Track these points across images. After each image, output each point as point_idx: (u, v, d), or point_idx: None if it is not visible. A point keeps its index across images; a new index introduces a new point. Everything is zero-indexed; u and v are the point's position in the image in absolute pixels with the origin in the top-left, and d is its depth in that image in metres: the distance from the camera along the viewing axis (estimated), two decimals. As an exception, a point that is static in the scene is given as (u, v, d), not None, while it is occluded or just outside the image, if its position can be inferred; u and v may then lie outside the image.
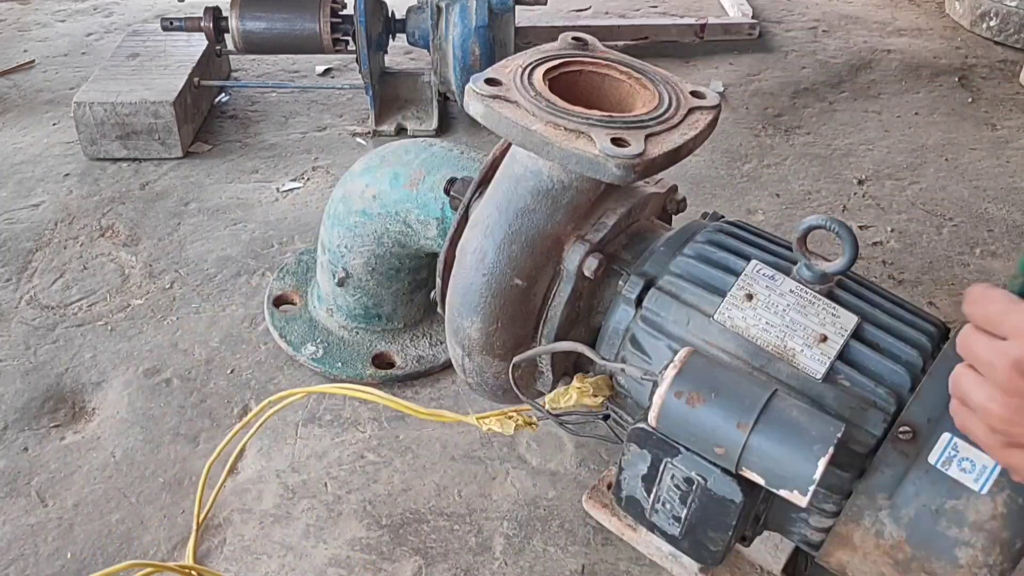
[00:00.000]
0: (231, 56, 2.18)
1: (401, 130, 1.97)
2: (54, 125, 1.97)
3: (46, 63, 2.27)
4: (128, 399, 1.28)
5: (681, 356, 0.76)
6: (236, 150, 1.91)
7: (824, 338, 0.79)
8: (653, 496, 0.80)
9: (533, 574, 1.07)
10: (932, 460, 0.73)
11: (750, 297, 0.83)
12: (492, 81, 0.84)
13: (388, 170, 1.19)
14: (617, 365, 0.85)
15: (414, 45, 1.96)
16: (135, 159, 1.83)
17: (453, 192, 1.03)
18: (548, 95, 0.83)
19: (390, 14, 1.95)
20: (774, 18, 2.64)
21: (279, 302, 1.43)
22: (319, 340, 1.35)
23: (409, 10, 1.94)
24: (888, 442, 0.75)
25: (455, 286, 0.92)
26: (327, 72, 2.27)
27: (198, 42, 2.00)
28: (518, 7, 1.82)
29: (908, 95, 2.23)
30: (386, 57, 2.08)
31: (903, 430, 0.74)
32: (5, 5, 2.57)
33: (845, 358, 0.79)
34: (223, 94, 2.11)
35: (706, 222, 0.96)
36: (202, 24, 1.88)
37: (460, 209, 0.98)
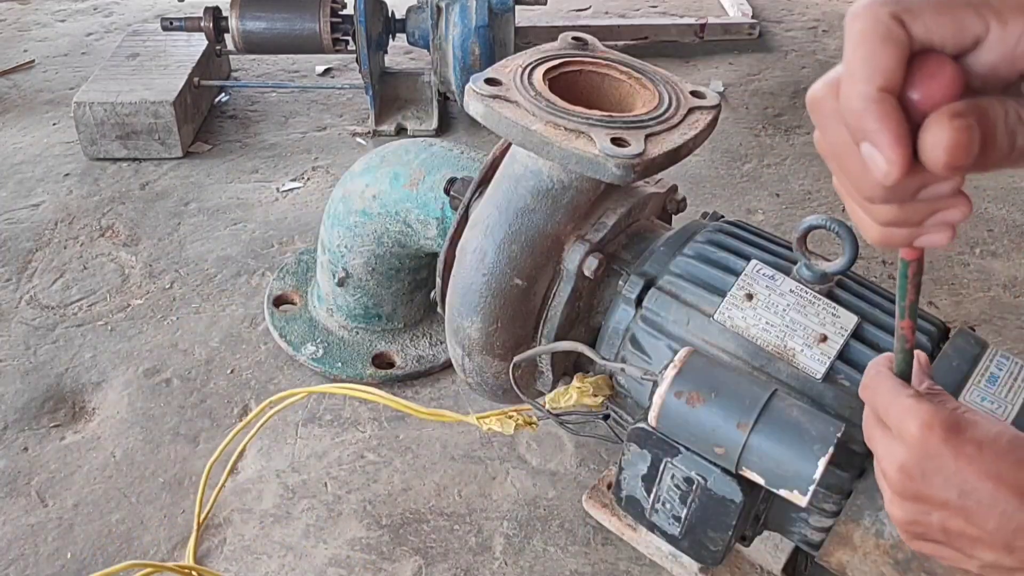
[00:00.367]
0: (231, 56, 2.18)
1: (401, 130, 1.97)
2: (54, 125, 1.97)
3: (46, 63, 2.27)
4: (128, 399, 1.28)
5: (681, 356, 0.76)
6: (236, 150, 1.90)
7: (824, 338, 0.79)
8: (653, 496, 0.80)
9: (533, 574, 1.07)
10: (932, 460, 0.73)
11: (750, 297, 0.83)
12: (492, 81, 0.84)
13: (388, 170, 1.19)
14: (617, 365, 0.85)
15: (414, 45, 1.96)
16: (135, 159, 1.83)
17: (453, 192, 1.03)
18: (548, 95, 0.83)
19: (390, 14, 1.95)
20: (774, 18, 2.64)
21: (279, 302, 1.43)
22: (319, 340, 1.35)
23: (409, 10, 1.94)
24: (888, 442, 0.75)
25: (455, 286, 0.92)
26: (327, 72, 2.27)
27: (198, 42, 2.00)
28: (518, 7, 1.82)
29: (908, 95, 2.23)
30: (386, 57, 2.08)
31: (903, 430, 0.74)
32: (5, 5, 2.57)
33: (845, 358, 0.79)
34: (223, 94, 2.11)
35: (706, 222, 0.96)
36: (202, 24, 1.88)
37: (460, 209, 0.98)
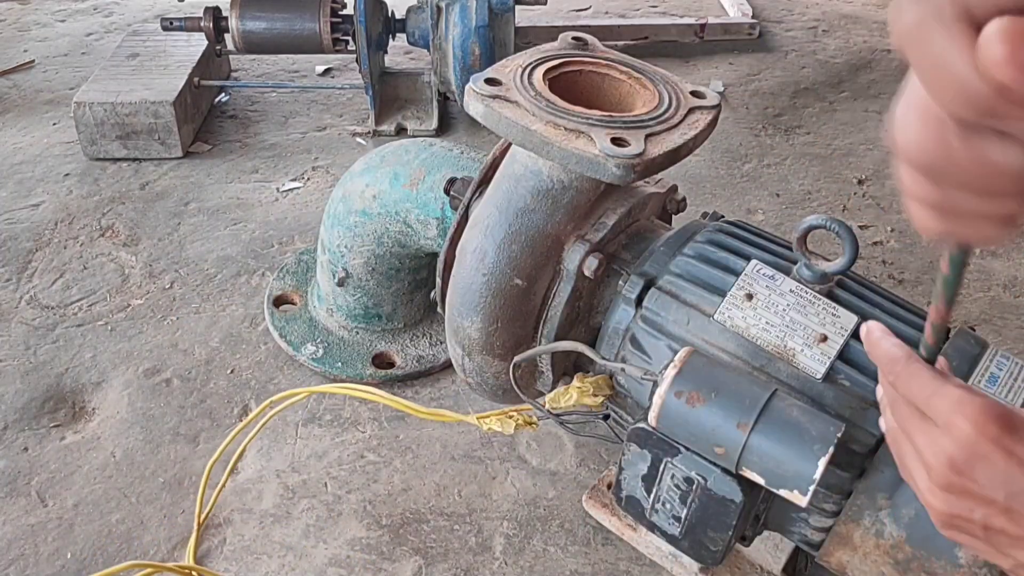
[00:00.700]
0: (231, 56, 2.18)
1: (401, 130, 1.97)
2: (54, 125, 1.97)
3: (46, 63, 2.27)
4: (128, 399, 1.28)
5: (681, 356, 0.76)
6: (236, 150, 1.90)
7: (824, 338, 0.79)
8: (653, 496, 0.80)
9: (533, 574, 1.07)
10: (932, 460, 0.73)
11: (750, 297, 0.83)
12: (492, 81, 0.84)
13: (388, 170, 1.19)
14: (617, 365, 0.85)
15: (414, 45, 1.96)
16: (135, 159, 1.83)
17: (453, 192, 1.03)
18: (548, 95, 0.83)
19: (390, 14, 1.95)
20: (774, 18, 2.64)
21: (279, 302, 1.43)
22: (319, 340, 1.35)
23: (409, 10, 1.94)
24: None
25: (455, 286, 0.92)
26: (327, 72, 2.27)
27: (198, 42, 2.00)
28: (518, 7, 1.82)
29: (908, 95, 2.23)
30: (386, 57, 2.08)
31: (903, 430, 0.74)
32: (5, 5, 2.57)
33: (845, 358, 0.79)
34: (223, 94, 2.11)
35: (706, 222, 0.96)
36: (202, 24, 1.88)
37: (460, 209, 0.98)
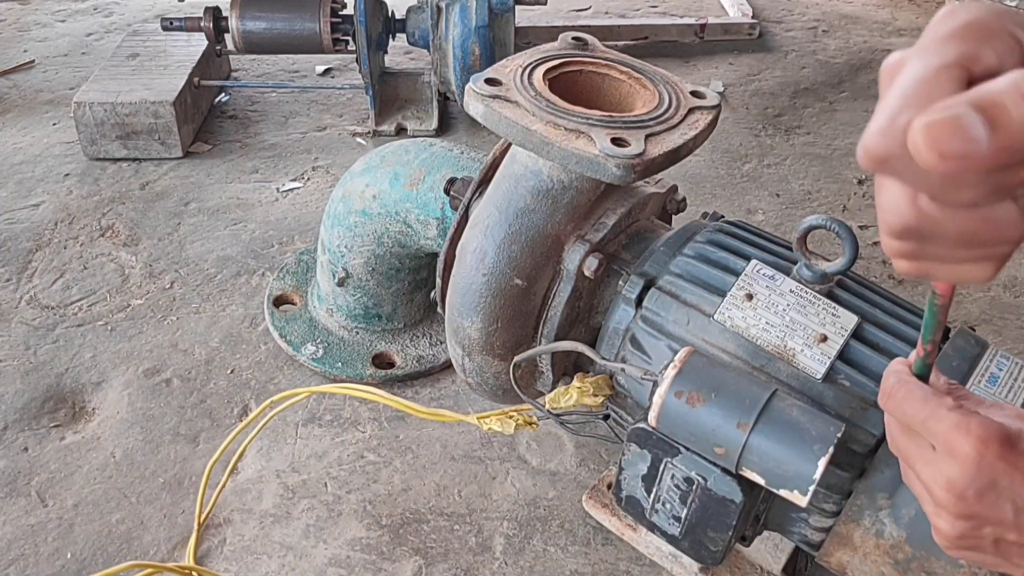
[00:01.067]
0: (231, 56, 2.18)
1: (401, 130, 1.97)
2: (54, 125, 1.97)
3: (46, 63, 2.27)
4: (128, 399, 1.28)
5: (681, 356, 0.76)
6: (236, 150, 1.90)
7: (824, 338, 0.79)
8: (653, 496, 0.80)
9: (533, 574, 1.07)
10: (932, 460, 0.73)
11: (750, 297, 0.83)
12: (492, 81, 0.84)
13: (388, 170, 1.19)
14: (617, 365, 0.85)
15: (414, 45, 1.96)
16: (135, 159, 1.83)
17: (453, 192, 1.03)
18: (548, 95, 0.83)
19: (390, 14, 1.95)
20: (774, 18, 2.64)
21: (279, 302, 1.43)
22: (319, 340, 1.35)
23: (409, 10, 1.94)
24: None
25: (455, 286, 0.92)
26: (327, 72, 2.27)
27: (198, 42, 2.00)
28: (518, 7, 1.82)
29: (908, 95, 2.23)
30: (386, 57, 2.08)
31: (903, 430, 0.74)
32: (5, 5, 2.57)
33: (845, 358, 0.79)
34: (223, 94, 2.11)
35: (706, 222, 0.96)
36: (202, 24, 1.88)
37: (460, 209, 0.98)
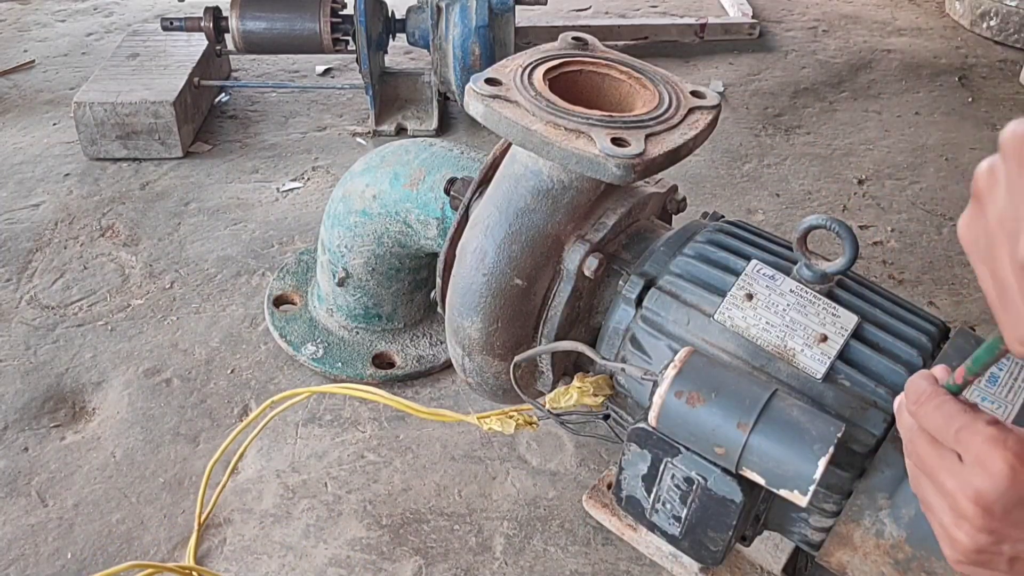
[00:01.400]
0: (231, 56, 2.18)
1: (401, 130, 1.97)
2: (54, 125, 1.97)
3: (46, 63, 2.27)
4: (128, 399, 1.28)
5: (681, 356, 0.76)
6: (236, 150, 1.90)
7: (824, 338, 0.79)
8: (653, 496, 0.80)
9: (533, 574, 1.07)
10: (932, 460, 0.73)
11: (750, 297, 0.83)
12: (492, 81, 0.84)
13: (388, 170, 1.19)
14: (617, 365, 0.85)
15: (414, 45, 1.96)
16: (135, 159, 1.83)
17: (453, 192, 1.03)
18: (548, 95, 0.83)
19: (390, 14, 1.95)
20: (774, 18, 2.64)
21: (279, 302, 1.43)
22: (319, 340, 1.35)
23: (409, 10, 1.94)
24: (888, 442, 0.75)
25: (455, 286, 0.92)
26: (327, 72, 2.27)
27: (198, 42, 2.00)
28: (518, 7, 1.82)
29: (908, 95, 2.23)
30: (386, 57, 2.08)
31: (903, 430, 0.74)
32: (5, 5, 2.57)
33: (845, 358, 0.79)
34: (223, 94, 2.11)
35: (706, 222, 0.96)
36: (202, 24, 1.88)
37: (460, 209, 0.98)
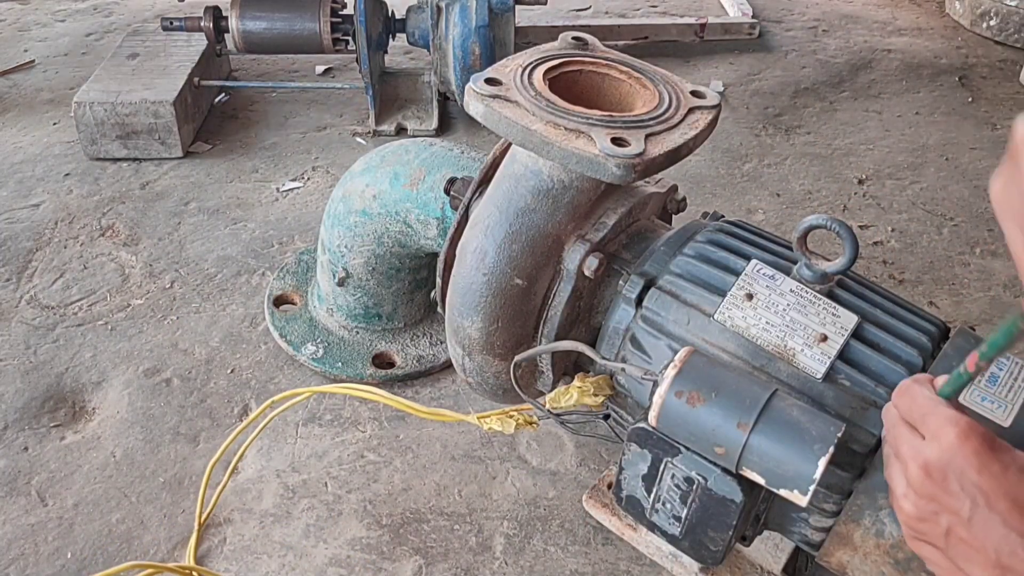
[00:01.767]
0: (231, 56, 2.18)
1: (401, 130, 1.97)
2: (54, 125, 1.97)
3: (46, 63, 2.27)
4: (128, 399, 1.28)
5: (681, 356, 0.76)
6: (236, 150, 1.90)
7: (824, 338, 0.79)
8: (653, 496, 0.80)
9: (533, 574, 1.07)
10: (932, 460, 0.73)
11: (750, 297, 0.83)
12: (492, 81, 0.84)
13: (388, 170, 1.19)
14: (617, 365, 0.85)
15: (414, 45, 1.96)
16: (135, 159, 1.83)
17: (453, 192, 1.03)
18: (548, 95, 0.83)
19: (390, 14, 1.95)
20: (774, 18, 2.64)
21: (279, 302, 1.43)
22: (319, 340, 1.35)
23: (409, 10, 1.94)
24: (888, 442, 0.75)
25: (455, 286, 0.92)
26: (327, 72, 2.27)
27: (198, 42, 2.00)
28: (518, 7, 1.82)
29: (908, 95, 2.23)
30: (386, 57, 2.08)
31: (903, 430, 0.74)
32: (5, 5, 2.57)
33: (845, 358, 0.79)
34: (223, 94, 2.11)
35: (706, 222, 0.96)
36: (202, 24, 1.88)
37: (460, 209, 0.98)
